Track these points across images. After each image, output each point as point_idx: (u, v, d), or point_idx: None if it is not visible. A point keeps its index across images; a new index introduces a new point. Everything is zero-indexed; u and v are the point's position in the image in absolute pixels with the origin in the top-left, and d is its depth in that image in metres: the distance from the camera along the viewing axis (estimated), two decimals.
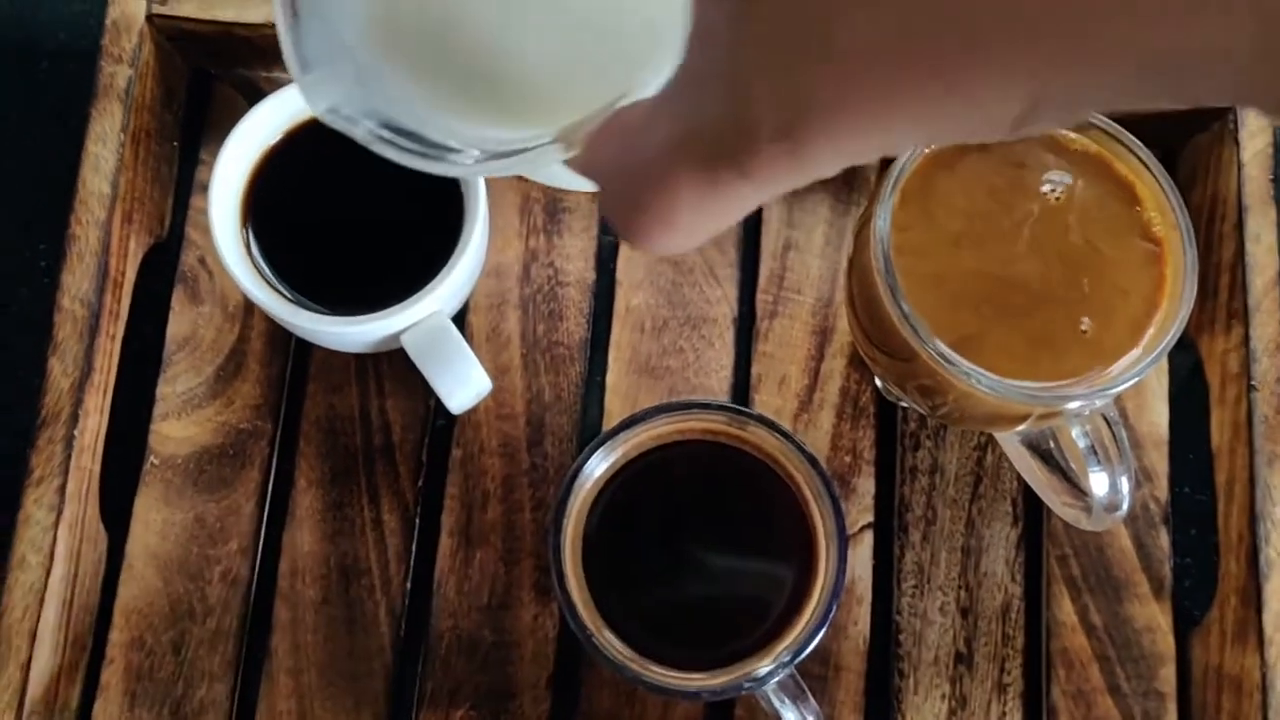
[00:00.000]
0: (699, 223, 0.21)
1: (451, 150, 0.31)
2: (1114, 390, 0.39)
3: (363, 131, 0.31)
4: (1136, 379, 0.38)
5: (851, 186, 0.51)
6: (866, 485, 0.48)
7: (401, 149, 0.31)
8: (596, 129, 0.24)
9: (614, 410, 0.48)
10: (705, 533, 0.43)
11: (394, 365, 0.48)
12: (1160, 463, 0.48)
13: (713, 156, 0.20)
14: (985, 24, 0.17)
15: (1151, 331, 0.40)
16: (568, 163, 0.26)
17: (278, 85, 0.45)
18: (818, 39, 0.18)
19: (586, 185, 0.30)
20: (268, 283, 0.43)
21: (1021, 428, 0.42)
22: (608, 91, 0.27)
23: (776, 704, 0.40)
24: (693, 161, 0.20)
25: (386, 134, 0.32)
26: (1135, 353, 0.39)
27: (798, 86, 0.18)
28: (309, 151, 0.44)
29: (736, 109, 0.19)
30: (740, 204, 0.21)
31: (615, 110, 0.24)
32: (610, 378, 0.48)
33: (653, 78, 0.26)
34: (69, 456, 0.44)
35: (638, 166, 0.21)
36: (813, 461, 0.41)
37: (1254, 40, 0.16)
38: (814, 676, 0.46)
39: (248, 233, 0.44)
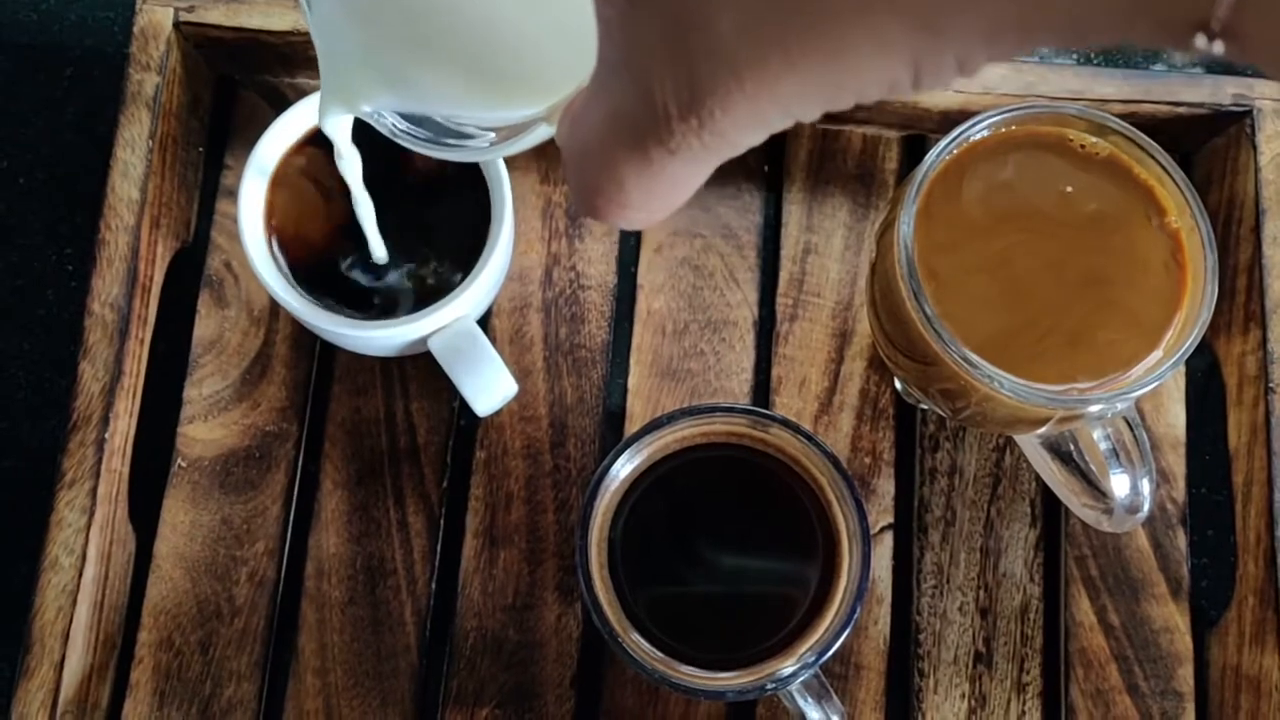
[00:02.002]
0: (649, 200, 0.22)
1: (464, 137, 0.32)
2: (1135, 393, 0.39)
3: (387, 127, 0.32)
4: (1158, 382, 0.39)
5: (870, 191, 0.51)
6: (886, 486, 0.48)
7: (419, 139, 0.32)
8: (567, 106, 0.25)
9: (636, 412, 0.49)
10: (729, 534, 0.44)
11: (418, 368, 0.48)
12: (1178, 464, 0.49)
13: (639, 137, 0.21)
14: (844, 3, 0.18)
15: (1171, 335, 0.40)
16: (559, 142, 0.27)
17: (302, 92, 0.45)
18: (699, 27, 0.19)
19: None
20: (294, 287, 0.44)
21: (1042, 430, 0.42)
22: (582, 71, 0.28)
23: (801, 703, 0.40)
24: (625, 142, 0.21)
25: (404, 125, 0.33)
26: (1156, 355, 0.40)
27: (690, 71, 0.20)
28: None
29: (644, 95, 0.20)
30: (680, 179, 0.22)
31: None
32: (632, 380, 0.49)
33: None
34: (100, 459, 0.44)
35: (585, 150, 0.22)
36: (835, 463, 0.41)
37: None
38: (835, 676, 0.46)
39: (274, 237, 0.44)
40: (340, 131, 0.38)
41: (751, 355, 0.49)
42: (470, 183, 0.44)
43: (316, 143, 0.45)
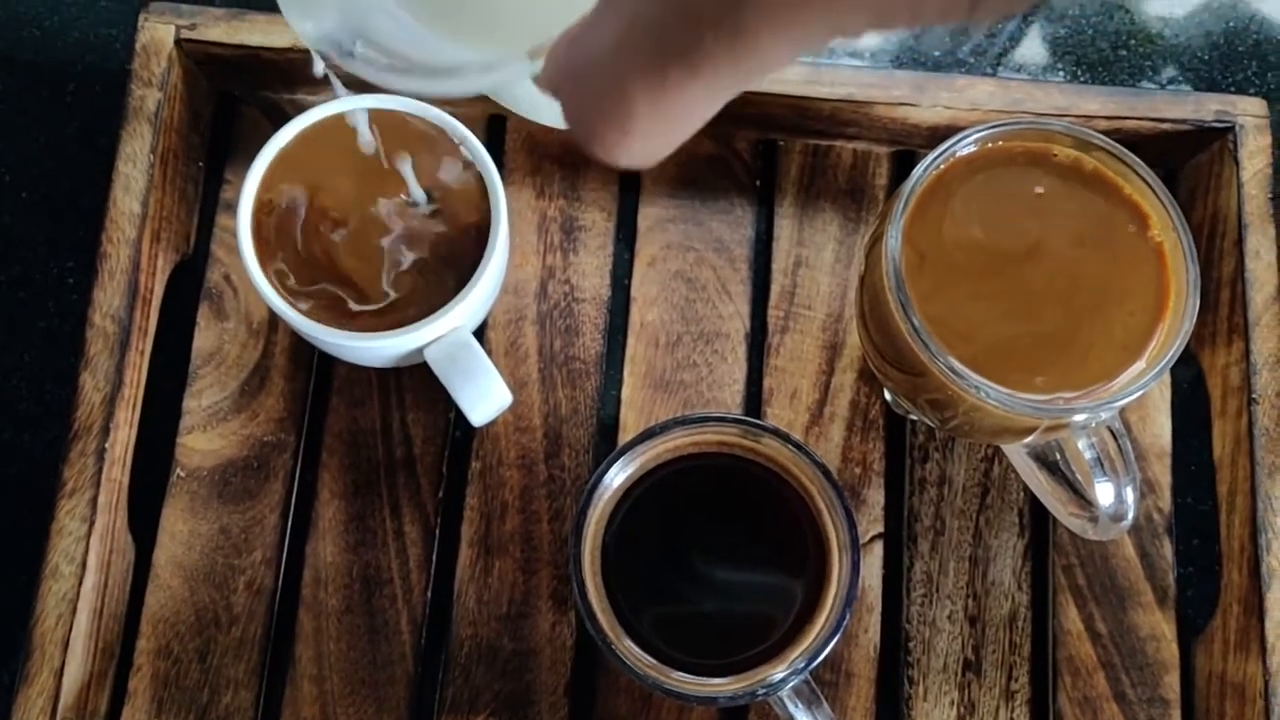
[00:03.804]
0: (656, 129, 0.21)
1: (440, 72, 0.31)
2: (1119, 403, 0.40)
3: (342, 56, 0.32)
4: (1141, 392, 0.40)
5: (860, 205, 0.52)
6: (876, 496, 0.49)
7: (388, 69, 0.31)
8: (557, 40, 0.23)
9: (629, 423, 0.49)
10: (720, 542, 0.44)
11: (414, 380, 0.49)
12: (1163, 474, 0.49)
13: (660, 54, 0.20)
14: None
15: (1154, 346, 0.41)
16: (538, 85, 0.26)
17: (302, 107, 0.46)
18: None
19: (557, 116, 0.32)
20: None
21: (1028, 440, 0.43)
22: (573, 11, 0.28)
23: (791, 709, 0.41)
24: (641, 60, 0.20)
25: (371, 55, 0.31)
26: (1139, 366, 0.41)
27: None
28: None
29: (677, 4, 0.19)
30: (693, 106, 0.21)
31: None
32: (625, 391, 0.50)
33: None
34: (100, 469, 0.45)
35: (590, 71, 0.21)
36: (825, 473, 0.42)
37: None
38: (825, 683, 0.47)
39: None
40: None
41: (743, 367, 0.50)
42: (468, 197, 0.45)
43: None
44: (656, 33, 0.20)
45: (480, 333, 0.50)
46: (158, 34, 0.49)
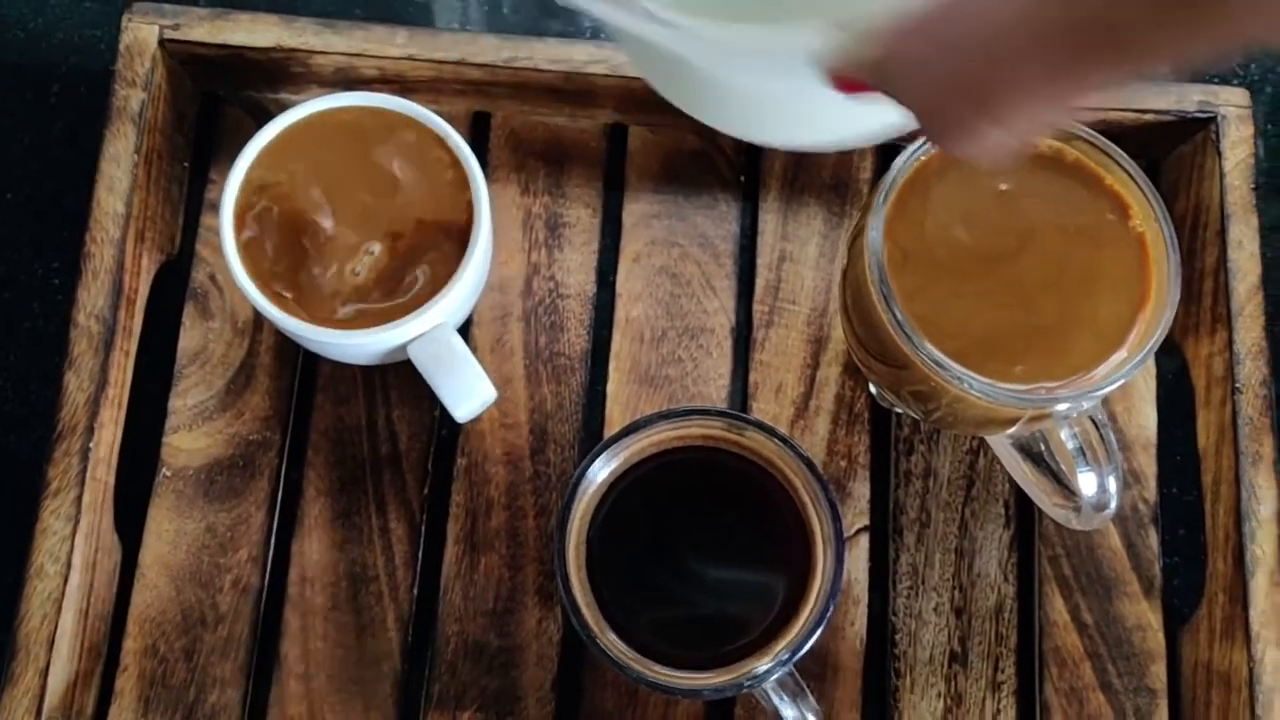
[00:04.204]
0: (1035, 123, 0.20)
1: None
2: (1100, 392, 0.40)
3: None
4: (1122, 380, 0.40)
5: (845, 200, 0.52)
6: (862, 489, 0.49)
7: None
8: (908, 24, 0.22)
9: (615, 419, 0.49)
10: (705, 536, 0.44)
11: (400, 377, 0.49)
12: (1149, 465, 0.49)
13: (1098, 43, 0.19)
14: None
15: (1136, 335, 0.41)
16: (856, 67, 0.24)
17: (285, 107, 0.46)
18: None
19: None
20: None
21: (1012, 430, 0.43)
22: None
23: (776, 701, 0.41)
24: (1058, 46, 0.19)
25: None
26: (1121, 355, 0.41)
27: None
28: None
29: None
30: (1084, 99, 0.20)
31: (916, 8, 0.22)
32: (611, 387, 0.50)
33: None
34: (85, 469, 0.45)
35: (975, 54, 0.20)
36: (810, 465, 0.42)
37: None
38: (812, 676, 0.47)
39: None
40: None
41: (729, 361, 0.50)
42: (452, 194, 0.45)
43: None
44: (1102, 20, 0.19)
45: (465, 330, 0.50)
46: (141, 34, 0.49)
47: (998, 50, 0.20)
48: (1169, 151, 0.53)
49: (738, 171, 0.52)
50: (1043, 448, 0.45)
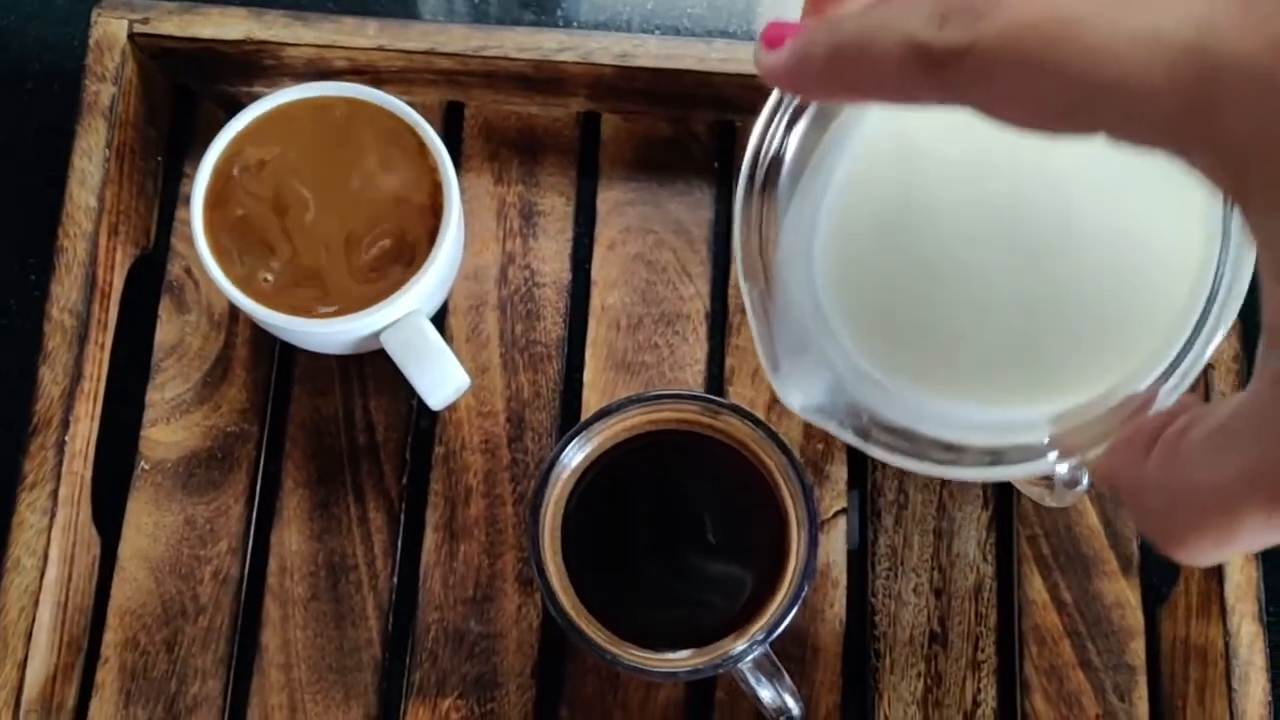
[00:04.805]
0: (1253, 543, 0.22)
1: (944, 449, 0.31)
2: None
3: (836, 426, 0.32)
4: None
5: None
6: (839, 472, 0.49)
7: (888, 447, 0.31)
8: (1124, 438, 0.24)
9: (592, 405, 0.49)
10: (680, 520, 0.44)
11: (376, 368, 0.49)
12: None
13: None
14: None
15: None
16: (1089, 472, 0.26)
17: (256, 100, 0.46)
18: None
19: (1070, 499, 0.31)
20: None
21: None
22: (1096, 380, 0.27)
23: (753, 682, 0.41)
24: (1269, 494, 0.20)
25: (870, 429, 0.32)
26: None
27: None
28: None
29: None
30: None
31: (1130, 412, 0.25)
32: (587, 374, 0.50)
33: (1147, 371, 0.26)
34: (60, 462, 0.45)
35: (1193, 490, 0.22)
36: (783, 448, 0.42)
37: None
38: (792, 658, 0.47)
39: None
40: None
41: (705, 347, 0.50)
42: (423, 182, 0.45)
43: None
44: None
45: (441, 319, 0.50)
46: (110, 28, 0.49)
47: (1201, 494, 0.22)
48: None
49: (712, 158, 0.52)
50: None
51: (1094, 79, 0.19)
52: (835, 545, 0.48)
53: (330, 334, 0.44)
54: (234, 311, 0.50)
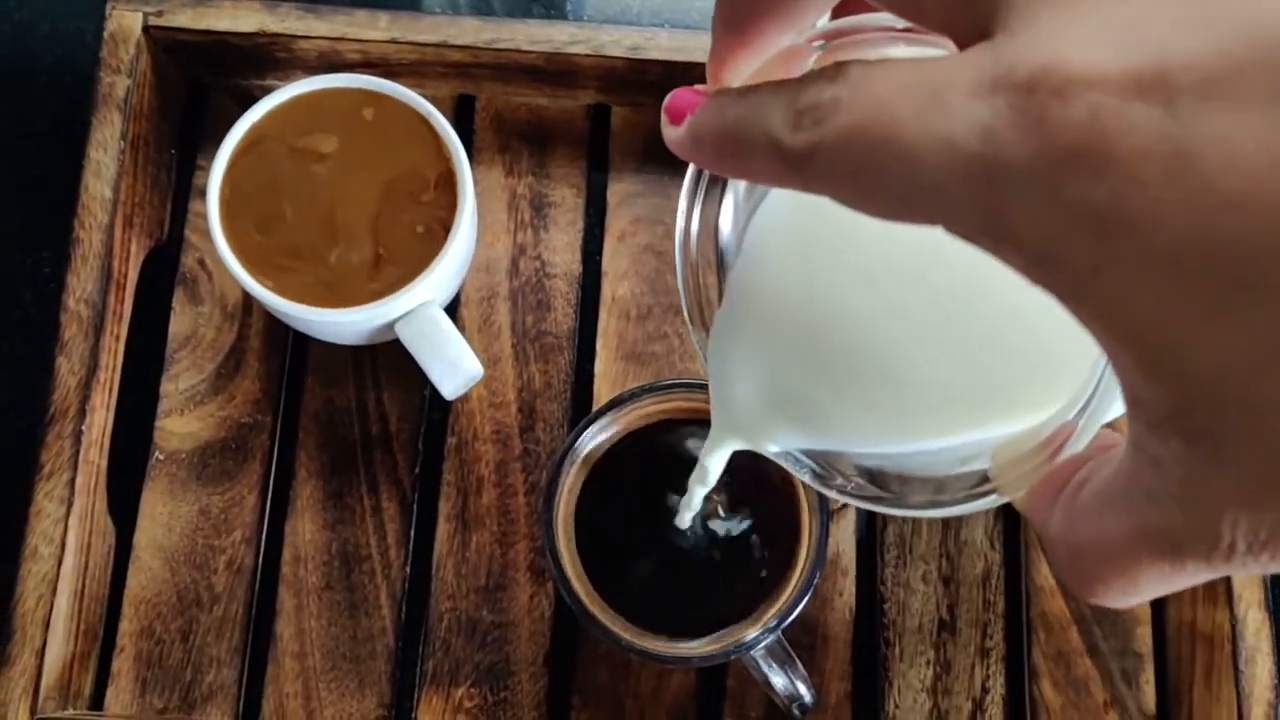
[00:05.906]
0: (1157, 591, 0.22)
1: (894, 495, 0.32)
2: None
3: (808, 475, 0.33)
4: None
5: None
6: None
7: (864, 497, 0.32)
8: (1038, 484, 0.25)
9: (603, 395, 0.50)
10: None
11: (388, 358, 0.49)
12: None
13: (1178, 554, 0.20)
14: None
15: None
16: (1018, 506, 0.27)
17: (270, 93, 0.46)
18: None
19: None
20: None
21: None
22: (1013, 413, 0.28)
23: (765, 669, 0.42)
24: (1157, 553, 0.21)
25: (841, 477, 0.32)
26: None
27: (1276, 518, 0.19)
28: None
29: (1202, 527, 0.20)
30: (1200, 578, 0.22)
31: (1046, 457, 0.25)
32: (598, 365, 0.50)
33: (1082, 395, 0.26)
34: (77, 451, 0.45)
35: (1092, 543, 0.22)
36: None
37: None
38: (803, 647, 0.47)
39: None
40: (720, 464, 0.37)
41: None
42: (435, 170, 0.45)
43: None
44: (1176, 543, 0.20)
45: (453, 310, 0.50)
46: (125, 21, 0.49)
47: (1099, 547, 0.22)
48: None
49: None
50: None
51: (911, 183, 0.19)
52: (844, 534, 0.48)
53: (345, 324, 0.44)
54: (247, 303, 0.50)
